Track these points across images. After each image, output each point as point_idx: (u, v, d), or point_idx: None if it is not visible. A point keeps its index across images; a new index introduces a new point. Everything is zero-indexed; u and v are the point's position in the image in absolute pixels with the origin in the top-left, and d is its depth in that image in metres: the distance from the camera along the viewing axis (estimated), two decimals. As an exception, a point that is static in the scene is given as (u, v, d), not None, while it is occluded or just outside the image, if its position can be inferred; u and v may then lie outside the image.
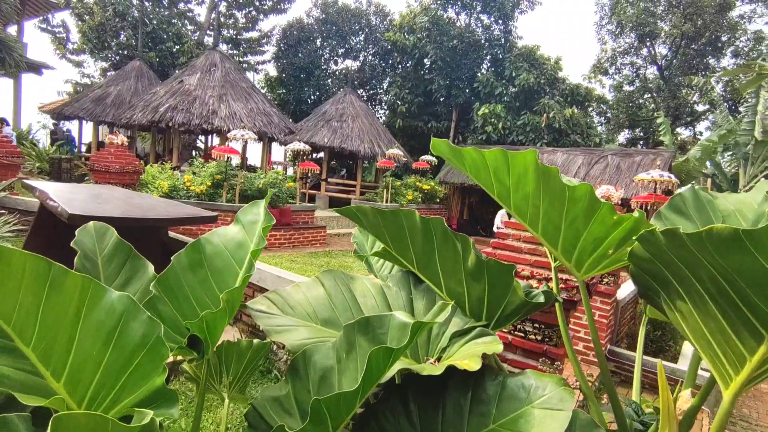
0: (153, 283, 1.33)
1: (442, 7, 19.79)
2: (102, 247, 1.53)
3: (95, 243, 1.53)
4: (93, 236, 1.54)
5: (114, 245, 1.54)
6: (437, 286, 1.63)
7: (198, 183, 9.16)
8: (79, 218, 3.23)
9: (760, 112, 13.63)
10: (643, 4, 18.22)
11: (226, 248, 1.49)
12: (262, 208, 1.59)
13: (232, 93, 11.25)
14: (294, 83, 21.81)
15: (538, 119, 16.71)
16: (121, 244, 1.54)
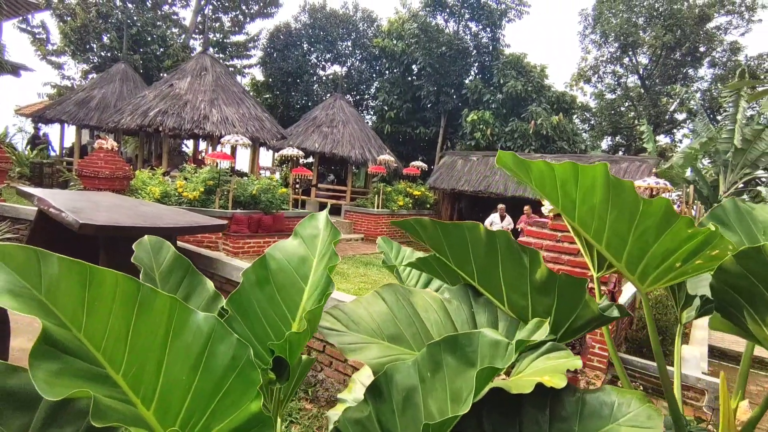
0: (226, 301, 1.28)
1: (430, 14, 19.97)
2: (159, 261, 1.47)
3: (151, 258, 1.46)
4: (149, 251, 1.47)
5: (171, 260, 1.47)
6: (498, 300, 1.61)
7: (191, 189, 8.99)
8: (90, 228, 3.12)
9: (739, 121, 14.11)
10: (626, 15, 18.72)
11: (289, 263, 1.44)
12: (322, 220, 1.55)
13: (224, 97, 11.09)
14: (281, 88, 21.67)
15: (525, 126, 16.95)
16: (179, 259, 1.47)
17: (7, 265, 0.90)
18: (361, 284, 8.18)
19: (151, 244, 1.50)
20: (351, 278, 8.61)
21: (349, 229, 14.08)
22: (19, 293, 0.88)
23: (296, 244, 1.50)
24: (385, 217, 14.10)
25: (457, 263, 1.64)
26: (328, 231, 1.48)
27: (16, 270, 0.90)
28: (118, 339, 0.98)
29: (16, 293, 0.87)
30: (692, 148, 14.68)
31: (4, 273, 0.88)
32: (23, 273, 0.91)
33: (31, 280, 0.91)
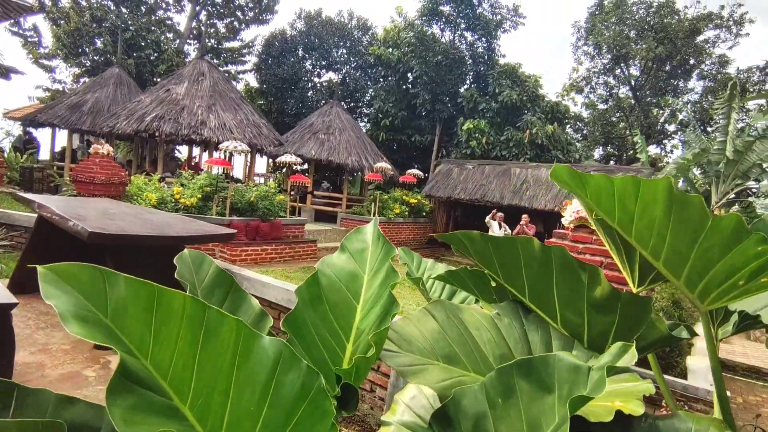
0: (282, 322, 1.20)
1: (426, 23, 20.09)
2: (201, 277, 1.39)
3: (193, 274, 1.38)
4: (190, 266, 1.39)
5: (214, 276, 1.39)
6: (551, 317, 1.55)
7: (188, 195, 8.84)
8: (100, 237, 3.02)
9: (731, 133, 14.33)
10: (618, 27, 19.03)
11: (339, 280, 1.37)
12: (369, 234, 1.49)
13: (221, 103, 10.97)
14: (276, 94, 21.59)
15: (520, 135, 17.06)
16: (222, 275, 1.39)
17: (72, 286, 0.82)
18: (361, 293, 8.07)
19: (191, 258, 1.41)
20: (351, 287, 8.50)
21: (345, 237, 13.97)
22: (86, 318, 0.80)
23: (344, 258, 1.43)
24: (381, 225, 14.01)
25: (507, 278, 1.58)
26: (379, 246, 1.41)
27: (81, 292, 0.83)
28: (185, 367, 0.90)
29: (83, 318, 0.80)
30: (685, 158, 14.87)
31: (69, 295, 0.80)
32: (89, 295, 0.83)
33: (97, 303, 0.83)
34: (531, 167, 15.10)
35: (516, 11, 19.33)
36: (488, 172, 15.66)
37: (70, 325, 0.77)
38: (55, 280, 0.80)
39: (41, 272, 0.79)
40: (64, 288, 0.80)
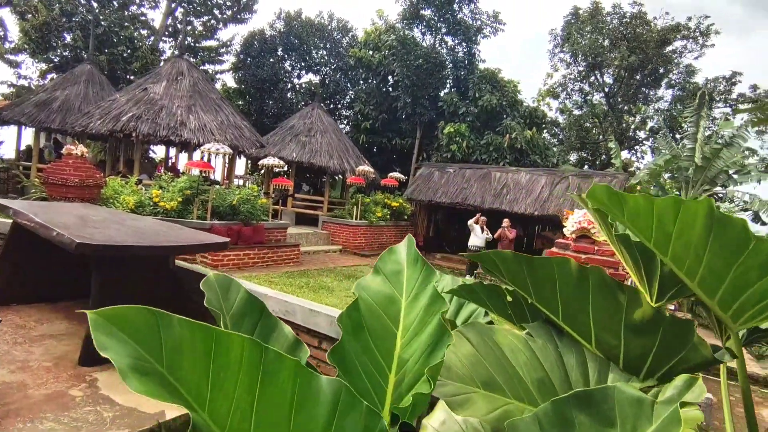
0: (328, 355, 1.12)
1: (408, 26, 20.15)
2: (229, 303, 1.30)
3: (220, 300, 1.29)
4: (217, 291, 1.30)
5: (243, 302, 1.30)
6: (585, 339, 1.53)
7: (168, 199, 8.56)
8: (88, 248, 2.85)
9: (700, 140, 14.88)
10: (593, 36, 19.53)
11: (376, 304, 1.30)
12: (403, 254, 1.43)
13: (202, 104, 10.67)
14: (255, 95, 21.25)
15: (500, 139, 17.28)
16: (252, 301, 1.30)
17: (126, 332, 0.73)
18: (346, 298, 7.98)
19: (218, 283, 1.32)
20: (336, 292, 8.40)
21: (327, 241, 13.84)
22: (146, 371, 0.72)
23: (379, 281, 1.36)
24: (363, 229, 13.96)
25: (539, 298, 1.55)
26: (417, 268, 1.35)
27: (135, 339, 0.74)
28: (243, 417, 0.82)
29: (142, 371, 0.71)
30: (657, 164, 15.34)
31: (124, 345, 0.72)
32: (143, 341, 0.75)
33: (151, 350, 0.75)
34: (511, 171, 15.30)
35: (496, 18, 19.62)
36: (469, 176, 15.78)
37: (131, 382, 0.68)
38: (107, 327, 0.71)
39: (92, 319, 0.70)
40: (118, 336, 0.72)
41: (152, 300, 3.57)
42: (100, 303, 3.27)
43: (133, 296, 3.41)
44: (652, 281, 1.85)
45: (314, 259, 11.87)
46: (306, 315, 3.22)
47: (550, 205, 13.46)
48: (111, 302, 2.93)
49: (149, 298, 3.49)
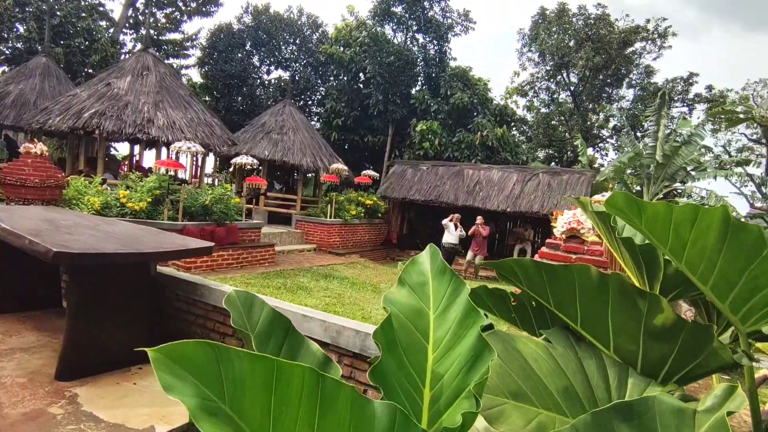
0: (369, 375, 1.08)
1: (379, 23, 20.08)
2: (253, 322, 1.23)
3: (244, 318, 1.22)
4: (240, 309, 1.23)
5: (269, 319, 1.24)
6: (603, 344, 1.55)
7: (136, 199, 8.21)
8: (65, 257, 2.69)
9: (661, 138, 15.56)
10: (559, 36, 20.05)
11: (406, 318, 1.27)
12: (427, 264, 1.40)
13: (170, 100, 10.27)
14: (223, 91, 20.69)
15: (472, 137, 17.51)
16: (277, 318, 1.24)
17: (187, 370, 0.67)
18: (325, 299, 7.90)
19: (240, 301, 1.25)
20: (314, 292, 8.30)
21: (300, 240, 13.66)
22: (212, 410, 0.66)
23: (405, 294, 1.33)
24: (338, 227, 13.85)
25: (558, 305, 1.55)
26: (444, 280, 1.33)
27: (196, 376, 0.68)
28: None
29: (210, 411, 0.66)
30: (621, 161, 15.96)
31: (189, 385, 0.66)
32: (204, 378, 0.69)
33: (213, 387, 0.69)
34: (483, 168, 15.53)
35: (467, 16, 19.82)
36: (442, 174, 15.92)
37: (203, 425, 0.63)
38: (169, 366, 0.65)
39: (153, 357, 0.64)
40: (182, 375, 0.66)
41: (133, 309, 3.42)
42: (78, 315, 3.10)
43: (113, 306, 3.25)
44: (653, 283, 1.90)
45: (289, 258, 11.69)
46: (299, 321, 3.15)
47: (522, 201, 13.76)
48: (90, 313, 2.80)
49: (130, 308, 3.34)
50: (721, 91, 19.88)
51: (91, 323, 3.14)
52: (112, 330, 3.24)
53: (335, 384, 0.81)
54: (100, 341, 3.18)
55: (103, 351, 3.18)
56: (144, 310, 3.44)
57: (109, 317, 3.22)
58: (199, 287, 3.65)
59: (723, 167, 17.74)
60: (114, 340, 3.25)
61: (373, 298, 8.56)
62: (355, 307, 7.58)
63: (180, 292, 3.80)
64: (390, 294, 1.33)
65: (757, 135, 20.06)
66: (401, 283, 1.36)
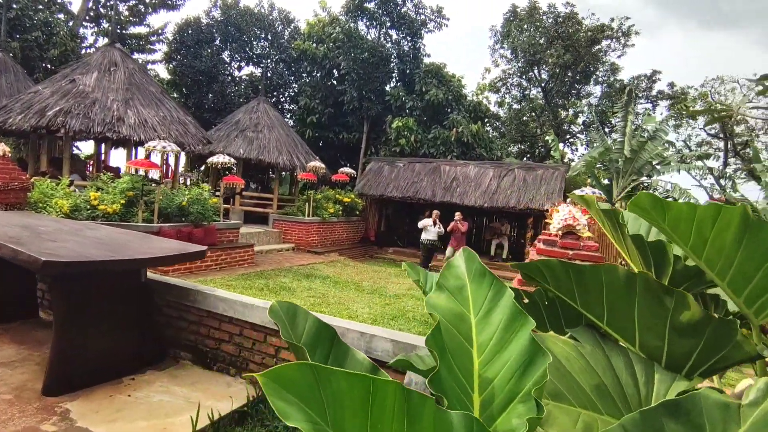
0: (429, 382, 1.07)
1: (352, 19, 19.93)
2: (298, 333, 1.19)
3: (288, 329, 1.18)
4: (284, 321, 1.18)
5: (314, 331, 1.21)
6: (628, 341, 1.58)
7: (109, 201, 7.88)
8: (55, 266, 2.55)
9: (628, 134, 16.11)
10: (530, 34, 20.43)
11: (449, 323, 1.26)
12: (463, 267, 1.39)
13: (140, 98, 9.88)
14: (192, 87, 20.10)
15: (447, 133, 17.65)
16: (323, 328, 1.21)
17: (294, 394, 0.65)
18: (310, 299, 7.82)
19: (284, 312, 1.21)
20: (297, 292, 8.21)
21: (278, 239, 13.47)
22: None
23: (444, 298, 1.32)
24: (316, 226, 13.73)
25: (584, 304, 1.58)
26: (483, 283, 1.33)
27: (302, 399, 0.66)
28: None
29: None
30: (592, 156, 16.43)
31: (297, 409, 0.63)
32: (309, 401, 0.66)
33: (316, 409, 0.67)
34: (459, 165, 15.69)
35: (440, 13, 19.91)
36: (419, 170, 16.00)
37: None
38: (278, 391, 0.63)
39: (263, 383, 0.62)
40: (291, 400, 0.63)
41: (122, 317, 3.28)
42: (66, 325, 2.95)
43: (101, 314, 3.11)
44: (661, 278, 1.96)
45: (268, 258, 11.51)
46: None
47: (499, 197, 13.98)
48: (78, 323, 2.68)
49: (119, 316, 3.21)
50: (682, 88, 20.75)
51: (80, 334, 3.00)
52: (102, 340, 3.11)
53: (420, 398, 0.80)
54: (89, 352, 3.04)
55: (92, 362, 3.05)
56: (134, 318, 3.31)
57: (98, 327, 3.09)
58: (192, 292, 3.54)
59: (684, 161, 18.54)
60: (104, 351, 3.12)
61: (357, 296, 8.54)
62: (341, 307, 7.54)
63: (170, 298, 3.68)
64: (432, 299, 1.32)
65: (716, 130, 21.06)
66: (440, 287, 1.35)
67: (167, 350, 3.64)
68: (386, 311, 7.53)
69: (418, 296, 9.01)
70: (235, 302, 3.35)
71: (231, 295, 3.46)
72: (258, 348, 3.33)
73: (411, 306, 8.14)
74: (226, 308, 3.39)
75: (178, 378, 3.31)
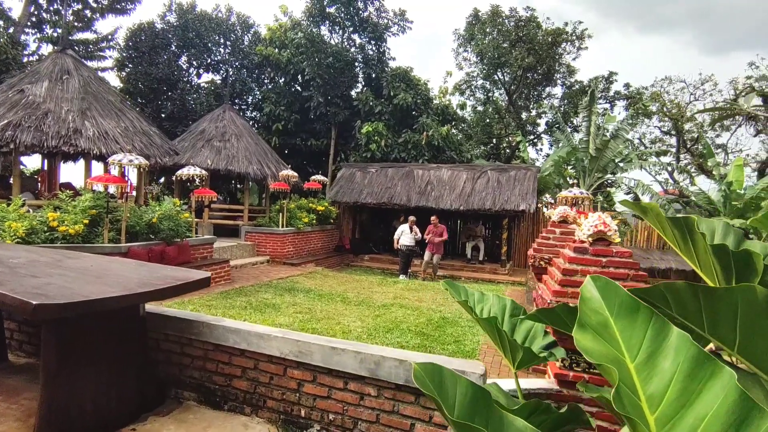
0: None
1: (314, 24, 19.58)
2: (450, 400, 0.93)
3: (435, 393, 0.92)
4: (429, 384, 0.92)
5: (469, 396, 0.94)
6: (761, 368, 1.43)
7: (71, 222, 7.21)
8: (50, 310, 2.16)
9: (593, 133, 16.64)
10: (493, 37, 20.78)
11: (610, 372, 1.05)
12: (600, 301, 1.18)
13: (98, 108, 9.14)
14: (149, 96, 19.10)
15: (418, 137, 17.61)
16: (478, 392, 0.96)
17: None
18: (297, 315, 7.45)
19: (427, 375, 0.96)
20: (282, 309, 7.81)
21: (252, 252, 12.92)
22: None
23: (590, 339, 1.11)
24: (291, 236, 13.28)
25: (713, 329, 1.42)
26: (634, 319, 1.12)
27: None
28: None
29: None
30: (560, 156, 16.85)
31: None
32: None
33: None
34: (432, 168, 15.65)
35: (403, 16, 19.89)
36: (392, 175, 15.84)
37: None
38: None
39: None
40: None
41: (121, 359, 2.88)
42: (58, 376, 2.53)
43: (97, 358, 2.70)
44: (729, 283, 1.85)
45: (245, 273, 10.98)
46: (327, 354, 2.81)
47: (474, 199, 14.02)
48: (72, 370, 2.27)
49: (117, 358, 2.82)
50: (637, 89, 21.71)
51: (73, 382, 2.59)
52: (99, 387, 2.70)
53: None
54: (85, 402, 2.63)
55: (88, 415, 2.64)
56: (133, 359, 2.91)
57: (93, 372, 2.68)
58: (196, 324, 3.17)
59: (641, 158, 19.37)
60: (100, 399, 2.71)
61: (345, 309, 8.22)
62: (331, 321, 7.21)
63: (170, 332, 3.28)
64: (579, 341, 1.11)
65: (668, 127, 22.17)
66: (581, 325, 1.14)
67: (168, 391, 3.25)
68: (379, 323, 7.26)
69: (406, 305, 8.80)
70: (249, 333, 3.01)
71: (243, 325, 3.12)
72: (277, 382, 3.00)
73: (402, 316, 7.91)
74: (238, 340, 3.05)
75: (187, 423, 2.94)
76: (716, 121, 17.86)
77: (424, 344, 6.37)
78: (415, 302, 9.19)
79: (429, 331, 7.02)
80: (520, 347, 2.26)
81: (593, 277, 1.22)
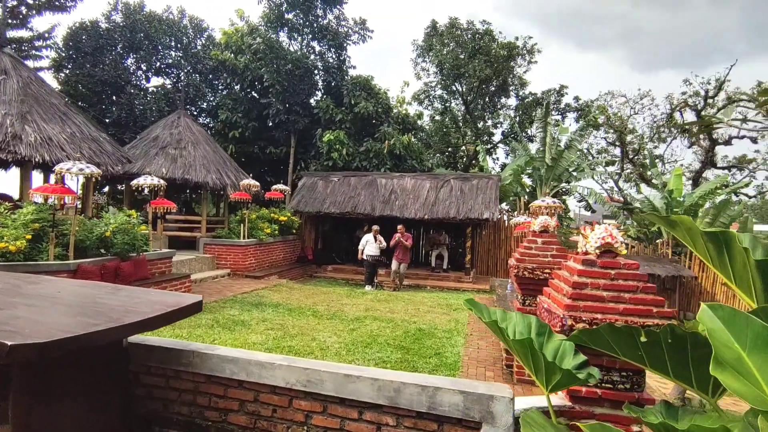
0: None
1: (273, 29, 19.14)
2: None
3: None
4: None
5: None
6: None
7: (11, 237, 6.46)
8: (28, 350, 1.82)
9: (548, 144, 17.29)
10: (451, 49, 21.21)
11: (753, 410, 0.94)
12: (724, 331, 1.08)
13: (40, 111, 8.32)
14: (92, 100, 17.83)
15: (379, 146, 17.55)
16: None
17: None
18: (269, 332, 7.09)
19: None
20: (253, 326, 7.41)
21: (212, 265, 12.26)
22: None
23: (730, 377, 1.00)
24: (252, 248, 12.74)
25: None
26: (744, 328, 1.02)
27: None
28: None
29: None
30: (518, 165, 17.36)
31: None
32: None
33: None
34: (396, 177, 15.62)
35: (363, 25, 19.87)
36: (355, 184, 15.64)
37: None
38: None
39: None
40: None
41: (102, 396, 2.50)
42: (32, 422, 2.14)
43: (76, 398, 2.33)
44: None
45: (206, 288, 10.37)
46: (340, 383, 2.58)
47: (438, 208, 14.09)
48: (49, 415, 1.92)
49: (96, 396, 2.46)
50: (585, 102, 22.90)
51: (48, 422, 2.21)
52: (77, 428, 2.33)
53: None
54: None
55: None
56: (115, 395, 2.55)
57: (73, 414, 2.31)
58: (186, 354, 2.84)
59: (592, 167, 20.39)
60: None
61: (318, 324, 7.91)
62: (306, 338, 6.91)
63: (152, 364, 2.92)
64: (724, 382, 0.99)
65: (612, 138, 23.52)
66: (717, 362, 1.03)
67: (151, 430, 2.89)
68: (356, 338, 7.03)
69: (380, 317, 8.61)
70: (249, 362, 2.72)
71: (241, 353, 2.82)
72: (281, 415, 2.73)
73: (377, 329, 7.72)
74: (236, 370, 2.75)
75: (179, 467, 2.60)
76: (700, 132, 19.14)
77: (405, 358, 6.21)
78: (387, 314, 9.02)
79: (408, 344, 6.87)
80: (559, 369, 2.16)
81: (712, 306, 1.11)
